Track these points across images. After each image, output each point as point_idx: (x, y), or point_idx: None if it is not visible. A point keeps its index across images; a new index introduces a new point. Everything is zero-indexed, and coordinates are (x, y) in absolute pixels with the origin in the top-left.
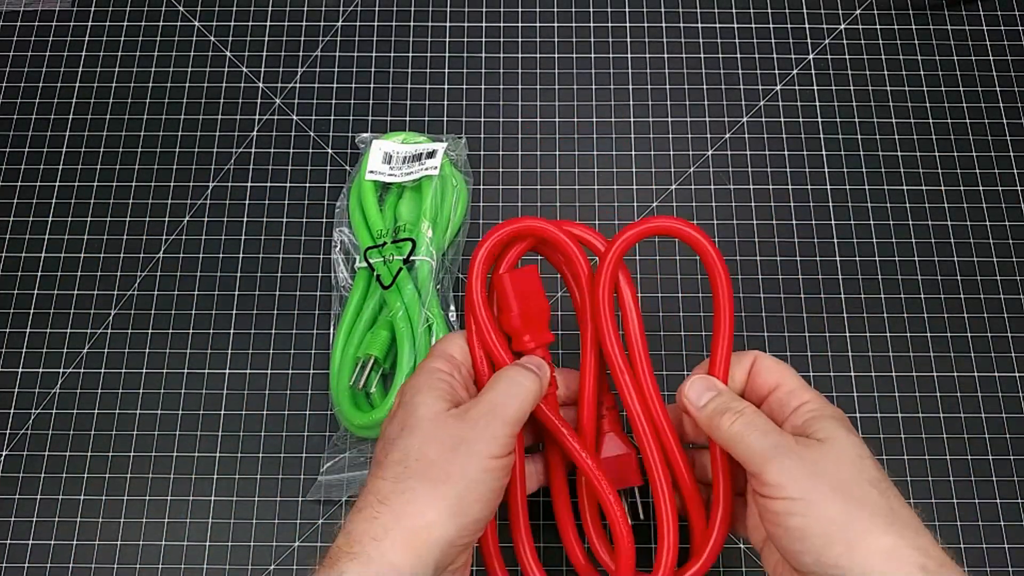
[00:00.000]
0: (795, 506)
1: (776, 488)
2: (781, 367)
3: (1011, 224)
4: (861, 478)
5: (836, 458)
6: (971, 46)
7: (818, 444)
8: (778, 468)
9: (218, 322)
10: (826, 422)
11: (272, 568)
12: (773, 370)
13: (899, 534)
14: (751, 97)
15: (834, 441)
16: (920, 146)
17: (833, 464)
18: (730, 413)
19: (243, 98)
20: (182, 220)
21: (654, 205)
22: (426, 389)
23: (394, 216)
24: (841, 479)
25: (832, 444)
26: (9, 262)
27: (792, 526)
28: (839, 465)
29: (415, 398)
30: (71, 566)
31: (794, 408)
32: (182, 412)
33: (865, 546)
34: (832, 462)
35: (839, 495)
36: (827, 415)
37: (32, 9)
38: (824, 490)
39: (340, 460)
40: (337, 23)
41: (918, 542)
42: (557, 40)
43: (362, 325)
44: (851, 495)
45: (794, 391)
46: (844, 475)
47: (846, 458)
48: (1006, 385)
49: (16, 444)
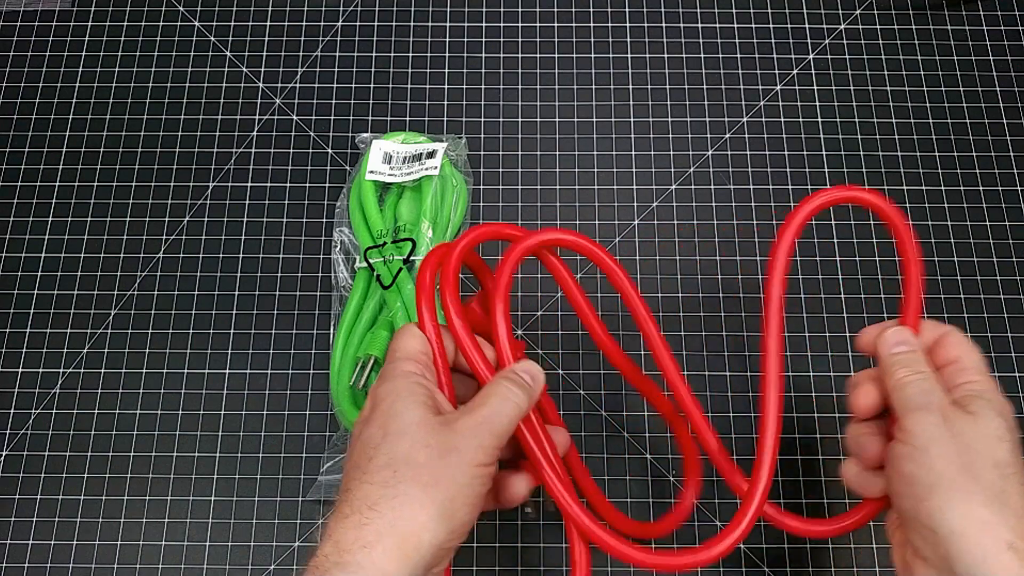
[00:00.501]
0: (915, 453)
1: (907, 434)
2: (967, 346)
3: (1011, 224)
4: (989, 454)
5: (974, 431)
6: (971, 46)
7: (965, 416)
8: (918, 419)
9: (218, 322)
10: (983, 403)
11: (272, 568)
12: (958, 346)
13: (999, 512)
14: (751, 97)
15: (980, 417)
16: (920, 146)
17: (969, 435)
18: (911, 369)
19: (243, 98)
20: (182, 220)
21: (654, 205)
22: (406, 395)
23: (394, 216)
24: (969, 448)
25: (977, 419)
26: (9, 262)
27: (905, 471)
28: (974, 437)
29: (396, 404)
30: (71, 566)
31: (962, 383)
32: (182, 412)
33: (960, 510)
34: (969, 433)
35: (959, 460)
36: (988, 397)
37: (32, 9)
38: (948, 452)
39: (340, 460)
40: (337, 23)
41: (1015, 524)
42: (557, 40)
43: (362, 325)
44: (971, 465)
45: (968, 369)
46: (974, 446)
47: (983, 434)
48: (1006, 385)
49: (16, 444)
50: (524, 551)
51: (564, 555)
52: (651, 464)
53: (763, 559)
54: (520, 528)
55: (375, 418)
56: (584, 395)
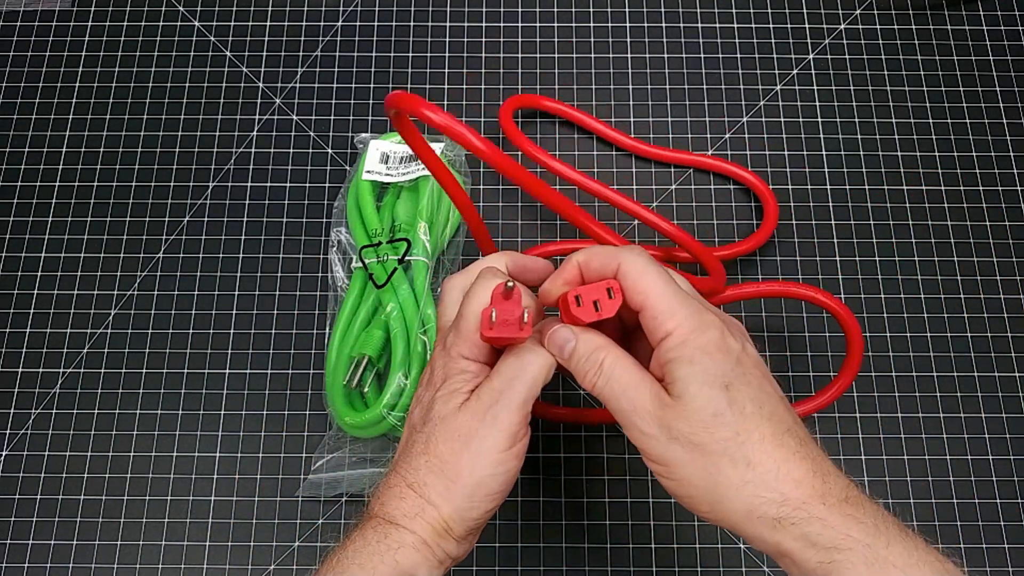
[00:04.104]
0: (661, 469)
1: (641, 451)
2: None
3: (1011, 224)
4: (715, 438)
5: (689, 420)
6: (971, 46)
7: (672, 404)
8: (639, 433)
9: (218, 322)
10: (682, 370)
11: (272, 568)
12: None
13: (753, 493)
14: (751, 97)
15: (686, 400)
16: (920, 146)
17: (686, 426)
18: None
19: (243, 98)
20: (182, 220)
21: (654, 205)
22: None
23: (391, 216)
24: (695, 442)
25: (684, 403)
26: (9, 262)
27: (664, 486)
28: (692, 427)
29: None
30: (71, 566)
31: (659, 341)
32: (182, 412)
33: (724, 508)
34: (685, 424)
35: (695, 460)
36: (684, 359)
37: (32, 9)
38: (680, 456)
39: (332, 459)
40: (337, 23)
41: (774, 495)
42: (557, 40)
43: (358, 325)
44: (706, 459)
45: (657, 317)
46: (697, 438)
47: (698, 420)
48: (1006, 385)
49: (16, 444)
50: (524, 551)
51: (564, 555)
52: None
53: (763, 559)
54: (520, 528)
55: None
56: (584, 394)
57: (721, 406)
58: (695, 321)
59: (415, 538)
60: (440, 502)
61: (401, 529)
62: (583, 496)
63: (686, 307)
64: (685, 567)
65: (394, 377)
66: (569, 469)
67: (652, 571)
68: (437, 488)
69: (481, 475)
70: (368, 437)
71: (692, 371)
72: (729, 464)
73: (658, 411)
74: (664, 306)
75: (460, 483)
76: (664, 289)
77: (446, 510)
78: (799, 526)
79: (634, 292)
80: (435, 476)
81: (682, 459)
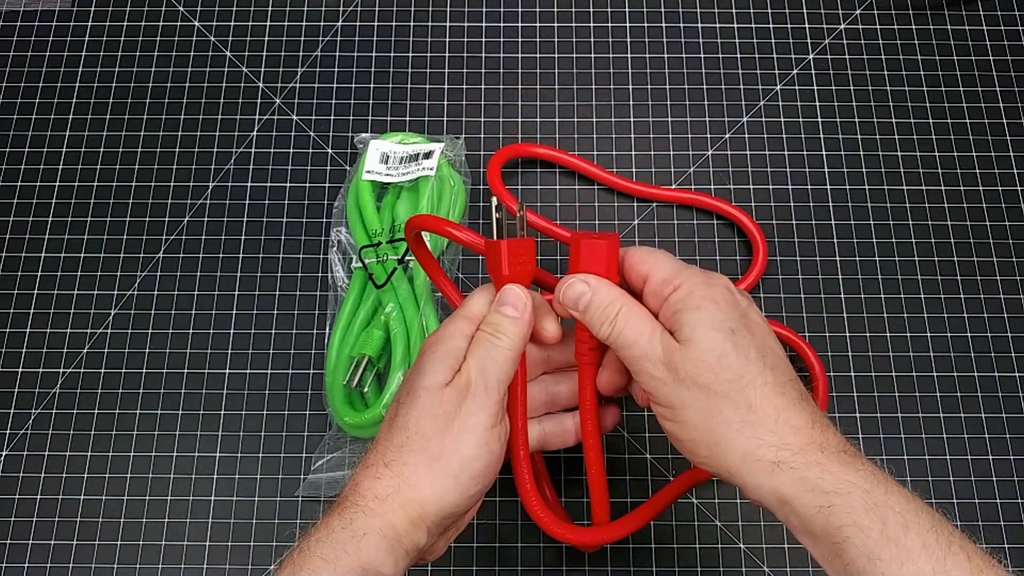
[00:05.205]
0: (667, 412)
1: (648, 394)
2: (652, 256)
3: (1011, 224)
4: (720, 379)
5: (695, 361)
6: (971, 46)
7: (679, 348)
8: (648, 377)
9: (218, 322)
10: (689, 315)
11: (272, 568)
12: (643, 262)
13: (753, 435)
14: (751, 97)
15: (693, 343)
16: (920, 146)
17: (692, 367)
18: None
19: (243, 98)
20: (182, 220)
21: (654, 205)
22: (441, 354)
23: (391, 216)
24: (700, 383)
25: (691, 346)
26: (9, 262)
27: (667, 429)
28: (698, 368)
29: (427, 361)
30: (71, 566)
31: (665, 297)
32: (182, 412)
33: (722, 451)
34: (691, 365)
35: (699, 401)
36: (691, 307)
37: (32, 9)
38: (685, 397)
39: (331, 459)
40: (337, 23)
41: (773, 438)
42: (557, 40)
43: (357, 325)
44: (710, 400)
45: (666, 279)
46: (703, 379)
47: (703, 361)
48: (1006, 385)
49: (16, 444)
50: (524, 551)
51: (563, 556)
52: (651, 464)
53: (763, 559)
54: (520, 528)
55: (413, 369)
56: None
57: (727, 348)
58: (701, 278)
59: (382, 522)
60: (419, 482)
61: (369, 513)
62: (583, 496)
63: (691, 269)
64: (685, 567)
65: (394, 377)
66: (569, 469)
67: (652, 571)
68: (417, 468)
69: (466, 454)
70: (368, 437)
71: (699, 316)
72: (731, 406)
73: (666, 356)
74: (669, 269)
75: (444, 461)
76: (668, 259)
77: (425, 492)
78: (798, 470)
79: (636, 274)
80: (416, 454)
81: (687, 400)
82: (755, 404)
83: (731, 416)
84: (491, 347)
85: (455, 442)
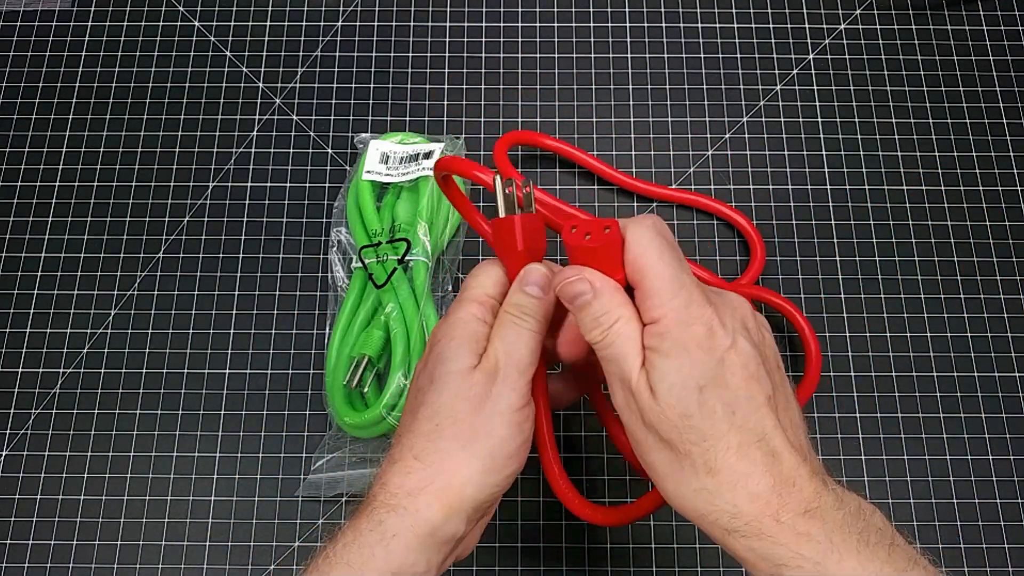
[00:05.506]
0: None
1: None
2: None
3: (1011, 224)
4: (683, 439)
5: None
6: (971, 46)
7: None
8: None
9: (218, 322)
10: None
11: (272, 568)
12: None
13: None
14: (751, 97)
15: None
16: (920, 146)
17: (656, 420)
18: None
19: (243, 98)
20: (182, 220)
21: (654, 205)
22: (459, 339)
23: (391, 216)
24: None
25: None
26: (9, 262)
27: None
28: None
29: (446, 349)
30: (71, 566)
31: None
32: (182, 412)
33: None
34: (655, 417)
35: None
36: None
37: (32, 9)
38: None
39: (331, 459)
40: (337, 23)
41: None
42: (557, 40)
43: (357, 325)
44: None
45: (647, 301)
46: (666, 435)
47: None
48: (1006, 385)
49: (16, 444)
50: (524, 551)
51: (563, 556)
52: None
53: None
54: (520, 528)
55: (428, 361)
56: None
57: (691, 408)
58: (682, 314)
59: (415, 520)
60: (455, 467)
61: (401, 512)
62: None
63: (678, 297)
64: (685, 567)
65: (394, 377)
66: (569, 469)
67: (652, 571)
68: (453, 452)
69: (501, 434)
70: (368, 437)
71: (667, 366)
72: (691, 467)
73: (638, 395)
74: (656, 291)
75: (479, 443)
76: (661, 271)
77: (464, 474)
78: (748, 540)
79: (633, 268)
80: (449, 440)
81: (652, 445)
82: (715, 467)
83: (690, 478)
84: (518, 329)
85: (487, 423)
